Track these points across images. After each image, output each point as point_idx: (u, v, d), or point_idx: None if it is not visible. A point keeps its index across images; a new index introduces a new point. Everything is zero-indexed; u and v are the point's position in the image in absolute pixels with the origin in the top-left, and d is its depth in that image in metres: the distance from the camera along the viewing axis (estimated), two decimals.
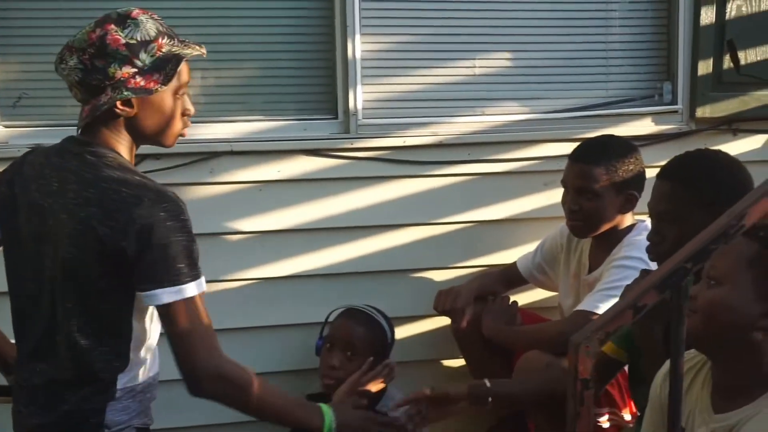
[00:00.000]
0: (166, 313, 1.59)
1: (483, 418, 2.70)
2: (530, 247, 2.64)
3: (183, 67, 1.70)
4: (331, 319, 2.46)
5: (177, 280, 1.58)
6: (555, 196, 2.59)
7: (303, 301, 2.62)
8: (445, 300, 2.52)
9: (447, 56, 2.68)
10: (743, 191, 1.82)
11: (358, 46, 2.56)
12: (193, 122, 2.47)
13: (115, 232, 1.55)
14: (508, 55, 2.72)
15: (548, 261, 2.57)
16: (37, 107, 2.48)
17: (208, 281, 2.50)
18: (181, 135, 1.77)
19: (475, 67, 2.70)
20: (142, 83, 1.61)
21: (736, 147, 2.73)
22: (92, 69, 1.59)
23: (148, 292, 1.57)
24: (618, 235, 2.34)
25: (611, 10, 2.78)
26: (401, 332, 2.60)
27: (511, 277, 2.62)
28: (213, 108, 2.57)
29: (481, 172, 2.67)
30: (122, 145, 1.68)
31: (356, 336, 2.34)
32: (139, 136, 1.70)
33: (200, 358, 1.60)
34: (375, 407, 2.35)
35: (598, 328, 1.37)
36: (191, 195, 2.51)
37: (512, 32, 2.72)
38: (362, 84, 2.60)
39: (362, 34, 2.57)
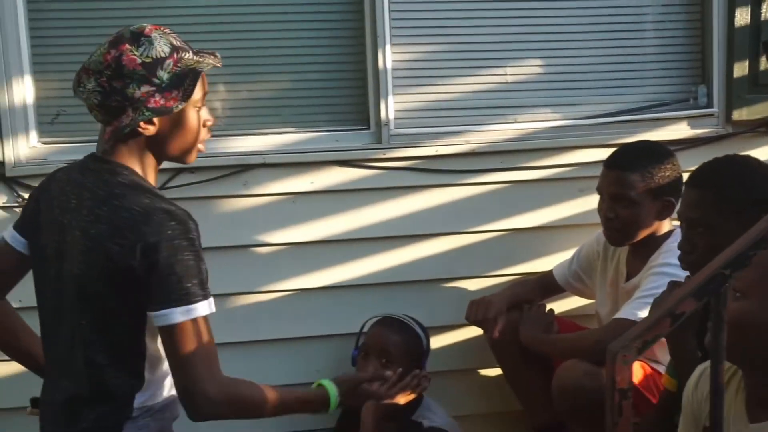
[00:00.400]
0: (173, 332, 1.55)
1: (518, 429, 2.69)
2: (565, 255, 2.62)
3: (198, 82, 1.67)
4: (365, 328, 2.46)
5: (187, 300, 1.55)
6: (590, 202, 2.58)
7: (337, 312, 2.63)
8: (476, 310, 2.49)
9: (478, 64, 2.67)
10: None
11: (389, 56, 2.57)
12: (226, 135, 2.56)
13: (125, 249, 1.54)
14: (539, 61, 2.71)
15: (584, 269, 2.55)
16: (74, 123, 2.51)
17: (243, 293, 2.58)
18: (201, 150, 1.75)
19: (506, 74, 2.69)
20: (162, 101, 1.59)
21: None
22: (111, 91, 1.57)
23: (157, 312, 1.55)
24: (656, 242, 2.31)
25: (644, 14, 2.75)
26: (436, 342, 2.60)
27: (547, 285, 2.60)
28: (246, 121, 2.59)
29: (515, 179, 2.66)
30: (142, 163, 1.66)
31: (391, 343, 2.34)
32: (162, 154, 1.68)
33: (206, 382, 1.57)
34: (410, 417, 2.35)
35: (636, 336, 1.35)
36: (225, 208, 2.55)
37: (544, 38, 2.70)
38: (393, 94, 2.60)
39: (393, 44, 2.58)
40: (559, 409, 2.23)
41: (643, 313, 2.13)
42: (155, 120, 1.61)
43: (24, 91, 2.44)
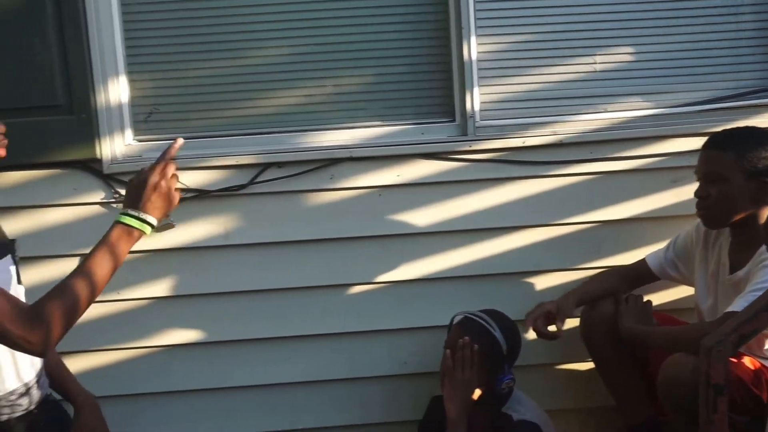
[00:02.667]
0: None
1: (607, 427, 2.66)
2: (657, 247, 2.55)
3: None
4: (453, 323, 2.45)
5: None
6: (683, 194, 2.53)
7: (423, 305, 2.64)
8: (531, 311, 2.48)
9: (565, 53, 2.64)
10: None
11: (474, 47, 2.56)
12: (313, 130, 2.60)
13: None
14: (629, 48, 2.65)
15: (681, 256, 2.47)
16: (167, 121, 2.59)
17: (331, 285, 2.60)
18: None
19: (595, 63, 2.65)
20: None
21: None
22: None
23: None
24: (761, 231, 2.21)
25: None
26: (525, 335, 2.56)
27: (638, 274, 2.53)
28: (332, 115, 2.62)
29: (604, 170, 2.61)
30: None
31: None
32: None
33: (19, 332, 1.52)
34: (500, 410, 2.34)
35: (732, 330, 1.30)
36: (313, 201, 2.59)
37: (633, 25, 2.64)
38: (479, 85, 2.59)
39: (478, 35, 2.57)
40: (665, 402, 2.17)
41: None
42: None
43: (119, 91, 2.51)
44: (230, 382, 2.65)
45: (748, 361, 2.19)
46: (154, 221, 1.73)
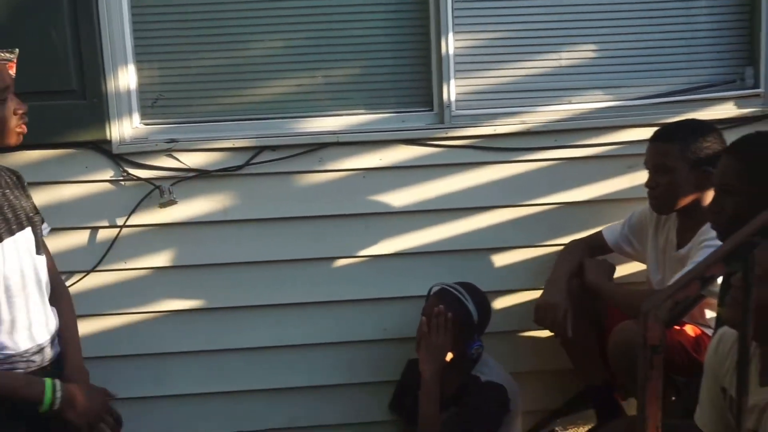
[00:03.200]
0: None
1: (558, 390, 2.70)
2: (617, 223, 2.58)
3: None
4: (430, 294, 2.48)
5: None
6: (638, 178, 2.55)
7: (402, 277, 2.65)
8: (544, 315, 2.40)
9: (534, 49, 2.65)
10: None
11: (451, 43, 2.57)
12: (303, 116, 2.61)
13: None
14: (592, 45, 2.67)
15: (635, 233, 2.51)
16: (171, 107, 2.59)
17: (319, 258, 2.63)
18: (21, 133, 1.86)
19: (561, 58, 2.66)
20: None
21: None
22: None
23: None
24: (703, 213, 2.22)
25: None
26: (493, 305, 2.58)
27: (596, 246, 2.56)
28: (320, 104, 2.62)
29: (567, 157, 2.64)
30: None
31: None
32: None
33: None
34: (470, 372, 2.38)
35: (667, 296, 1.34)
36: (303, 182, 2.60)
37: (596, 24, 2.65)
38: (455, 78, 2.60)
39: (455, 32, 2.57)
40: (614, 364, 2.23)
41: None
42: None
43: (128, 79, 2.51)
44: (225, 344, 2.66)
45: (689, 328, 2.25)
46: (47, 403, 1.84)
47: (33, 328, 1.94)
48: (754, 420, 1.56)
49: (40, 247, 2.01)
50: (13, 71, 1.90)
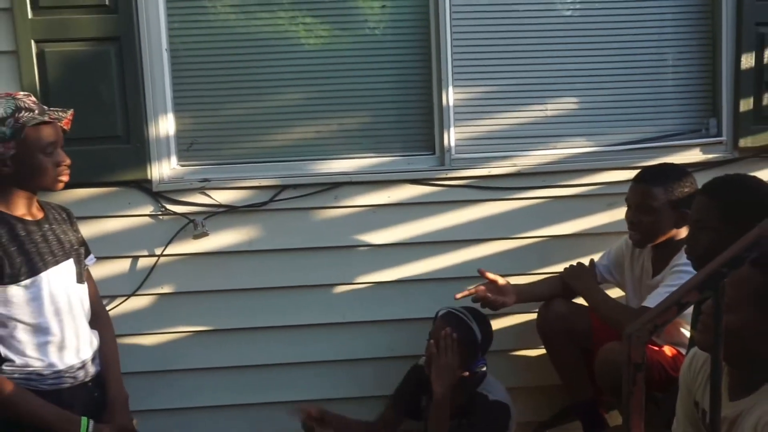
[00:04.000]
0: None
1: (556, 402, 2.67)
2: (595, 257, 2.58)
3: (41, 131, 1.81)
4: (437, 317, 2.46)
5: None
6: (616, 215, 2.56)
7: (407, 301, 2.64)
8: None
9: (524, 101, 2.66)
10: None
11: (451, 95, 2.58)
12: (319, 159, 2.61)
13: None
14: (574, 98, 2.68)
15: (614, 264, 2.51)
16: (205, 150, 2.60)
17: (333, 284, 2.62)
18: (62, 181, 1.89)
19: (547, 109, 2.67)
20: (1, 149, 1.76)
21: None
22: None
23: None
24: (676, 246, 2.25)
25: (664, 58, 2.70)
26: None
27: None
28: (335, 148, 2.62)
29: (553, 195, 2.64)
30: (6, 196, 1.84)
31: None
32: (23, 185, 1.84)
33: None
34: (477, 389, 2.34)
35: (648, 320, 1.35)
36: (320, 216, 2.60)
37: (578, 79, 2.67)
38: (455, 126, 2.60)
39: (454, 86, 2.59)
40: (600, 381, 2.21)
41: None
42: (8, 162, 1.78)
43: (167, 125, 2.52)
44: (250, 361, 2.63)
45: (667, 349, 2.25)
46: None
47: (79, 346, 1.95)
48: (725, 431, 1.55)
49: (82, 277, 2.02)
50: (67, 127, 1.93)
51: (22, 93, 1.90)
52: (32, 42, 2.37)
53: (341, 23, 2.60)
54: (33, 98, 1.88)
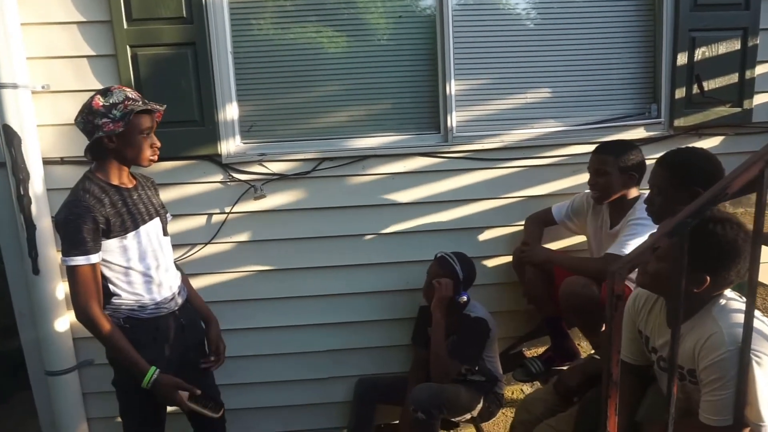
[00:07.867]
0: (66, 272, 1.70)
1: (524, 323, 2.68)
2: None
3: (142, 118, 1.77)
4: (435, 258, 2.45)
5: (64, 254, 1.69)
6: (579, 179, 2.56)
7: (417, 247, 2.63)
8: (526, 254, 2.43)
9: (509, 91, 2.62)
10: (716, 176, 1.72)
11: (453, 86, 2.55)
12: (351, 137, 2.57)
13: None
14: (547, 89, 2.64)
15: (575, 214, 2.49)
16: (262, 131, 2.56)
17: (363, 234, 2.58)
18: (152, 160, 1.83)
19: (526, 97, 2.64)
20: (112, 126, 1.71)
21: (701, 145, 2.59)
22: (86, 121, 1.73)
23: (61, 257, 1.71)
24: (629, 202, 2.25)
25: (617, 56, 2.64)
26: (481, 265, 2.61)
27: (547, 220, 2.53)
28: (363, 128, 2.59)
29: (531, 165, 2.62)
30: (106, 168, 1.79)
31: (437, 273, 2.36)
32: (121, 159, 1.79)
33: (76, 306, 1.70)
34: (463, 312, 2.36)
35: (628, 261, 1.34)
36: (352, 182, 2.57)
37: (550, 74, 2.62)
38: (455, 110, 2.58)
39: (455, 79, 2.56)
40: (562, 306, 2.21)
41: (627, 249, 2.09)
42: (114, 138, 1.74)
43: (232, 111, 2.48)
44: (296, 293, 2.63)
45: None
46: (147, 379, 1.77)
47: (171, 282, 1.94)
48: (666, 351, 1.55)
49: (166, 231, 2.01)
50: (159, 119, 1.88)
51: (128, 87, 1.83)
52: (127, 47, 2.31)
53: (367, 30, 2.54)
54: (137, 92, 1.84)
